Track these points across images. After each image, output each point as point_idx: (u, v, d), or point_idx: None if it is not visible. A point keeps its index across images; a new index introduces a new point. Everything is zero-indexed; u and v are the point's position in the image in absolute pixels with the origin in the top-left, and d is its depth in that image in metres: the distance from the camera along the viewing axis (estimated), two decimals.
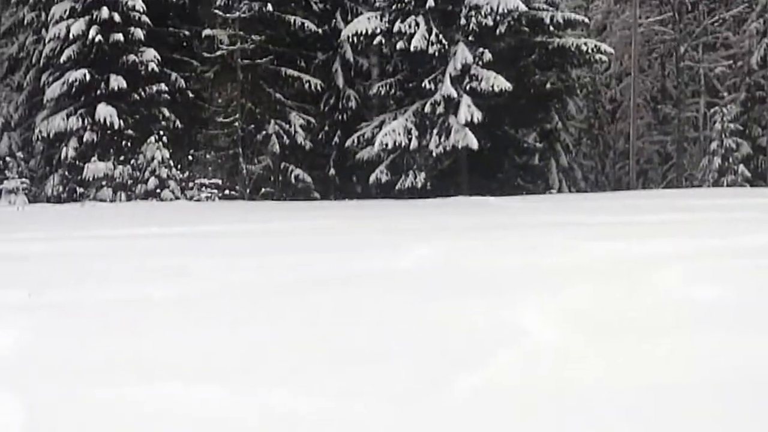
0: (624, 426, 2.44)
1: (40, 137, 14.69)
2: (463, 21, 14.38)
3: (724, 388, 2.74)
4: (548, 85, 15.58)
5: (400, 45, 14.50)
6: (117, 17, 13.90)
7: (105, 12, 13.86)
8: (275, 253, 7.04)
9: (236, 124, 14.79)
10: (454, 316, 4.24)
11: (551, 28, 15.49)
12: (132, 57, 14.07)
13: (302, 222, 10.93)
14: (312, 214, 12.35)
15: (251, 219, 11.55)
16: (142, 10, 14.07)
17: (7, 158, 14.90)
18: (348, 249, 7.32)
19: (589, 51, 15.37)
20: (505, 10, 15.02)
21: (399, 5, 14.66)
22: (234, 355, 3.45)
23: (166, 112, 14.48)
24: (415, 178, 14.77)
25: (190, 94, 15.37)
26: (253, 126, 14.89)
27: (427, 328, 4.02)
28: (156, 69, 14.17)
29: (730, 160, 16.30)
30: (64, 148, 14.23)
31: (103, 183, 14.23)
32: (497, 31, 14.61)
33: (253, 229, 9.88)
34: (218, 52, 14.86)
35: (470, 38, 14.45)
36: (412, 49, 14.20)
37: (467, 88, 14.64)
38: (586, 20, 16.53)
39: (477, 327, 3.99)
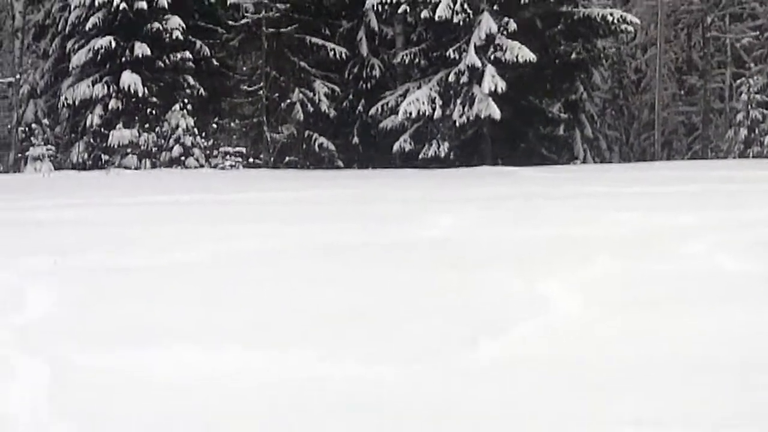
0: (642, 397, 2.50)
1: (65, 104, 15.17)
2: None
3: (751, 363, 2.80)
4: (573, 56, 15.89)
5: (424, 14, 14.87)
6: None
7: None
8: (300, 221, 7.26)
9: (261, 92, 15.15)
10: (477, 286, 4.43)
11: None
12: (156, 24, 14.39)
13: (326, 191, 11.28)
14: (336, 182, 12.77)
15: (275, 187, 11.80)
16: None
17: (33, 125, 15.36)
18: (372, 219, 7.56)
19: (615, 21, 15.70)
20: None
21: None
22: (259, 319, 3.56)
23: (191, 80, 14.86)
24: (439, 147, 15.15)
25: (215, 62, 15.75)
26: (277, 94, 15.27)
27: (451, 296, 4.17)
28: (180, 36, 14.53)
29: (756, 131, 16.64)
30: (89, 116, 14.66)
31: (128, 150, 14.66)
32: (522, 1, 14.82)
33: (276, 197, 10.02)
34: (243, 20, 15.21)
35: (495, 7, 14.76)
36: (436, 18, 14.57)
37: (491, 57, 14.71)
38: None
39: (500, 297, 4.16)
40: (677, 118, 19.11)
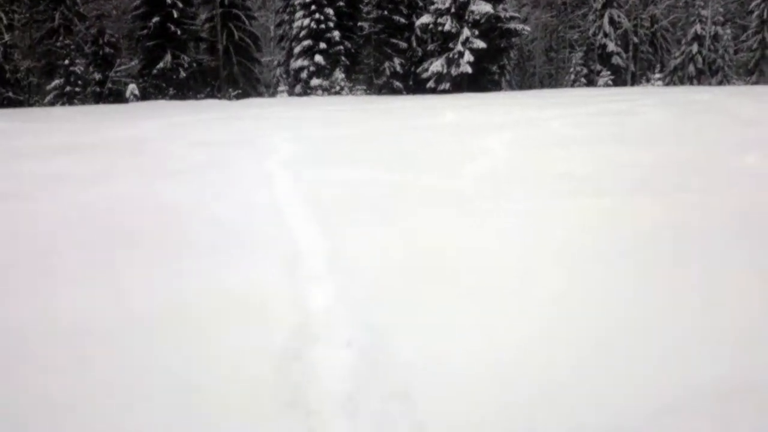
0: (529, 187, 6.16)
1: (291, 69, 33.38)
2: (467, 17, 33.47)
3: (579, 170, 6.97)
4: (502, 45, 34.76)
5: (440, 28, 33.61)
6: None
7: None
8: (372, 119, 15.27)
9: (371, 62, 33.60)
10: (460, 141, 9.28)
11: (503, 19, 34.54)
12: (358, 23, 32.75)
13: (395, 103, 22.35)
14: (404, 100, 28.75)
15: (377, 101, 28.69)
16: None
17: (279, 77, 33.65)
18: (406, 116, 14.86)
19: (519, 30, 34.55)
20: (483, 12, 34.05)
21: (440, 11, 33.53)
22: (364, 156, 9.50)
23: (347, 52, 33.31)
24: (446, 84, 33.99)
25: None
26: (383, 66, 33.65)
27: (448, 146, 8.83)
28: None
29: (580, 78, 35.88)
30: (302, 73, 32.96)
31: (319, 90, 32.97)
32: (480, 21, 33.69)
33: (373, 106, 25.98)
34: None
35: (470, 25, 33.57)
36: (444, 30, 33.35)
37: (468, 46, 33.74)
38: (519, 16, 35.85)
39: (469, 147, 8.65)
40: (545, 70, 38.70)
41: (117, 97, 31.53)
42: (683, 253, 4.13)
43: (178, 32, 31.84)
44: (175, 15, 31.59)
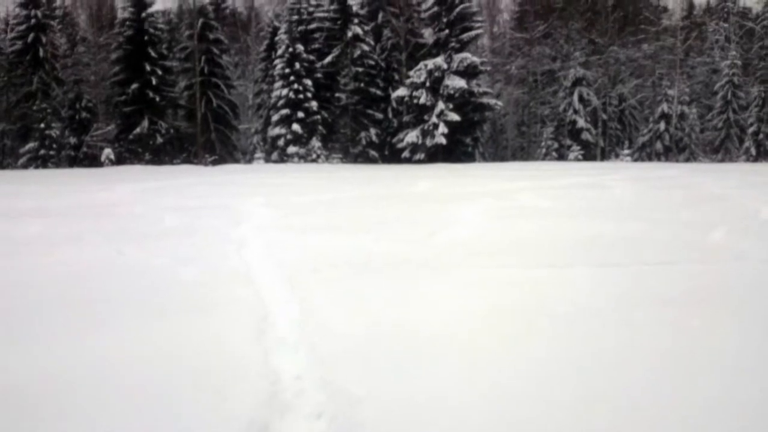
0: (514, 253, 6.77)
1: (269, 137, 33.79)
2: (441, 91, 34.33)
3: (552, 242, 7.22)
4: (475, 118, 35.54)
5: (416, 101, 34.35)
6: None
7: None
8: (359, 185, 18.44)
9: (347, 132, 34.26)
10: (435, 210, 9.86)
11: (476, 94, 35.49)
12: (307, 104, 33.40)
13: (370, 172, 25.61)
14: (378, 170, 30.62)
15: (355, 170, 29.40)
16: None
17: (256, 145, 34.16)
18: (382, 184, 16.11)
19: (492, 104, 35.41)
20: (458, 87, 35.00)
21: (416, 85, 34.38)
22: (348, 223, 10.59)
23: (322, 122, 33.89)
24: (421, 155, 34.53)
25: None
26: (359, 136, 34.31)
27: (421, 215, 9.29)
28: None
29: (552, 152, 36.79)
30: (279, 141, 33.34)
31: (295, 157, 33.33)
32: (455, 95, 34.56)
33: (356, 174, 27.44)
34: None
35: (445, 99, 34.38)
36: (420, 103, 34.11)
37: (442, 118, 34.45)
38: (492, 92, 36.93)
39: (444, 214, 9.22)
40: (517, 143, 39.73)
41: (92, 161, 31.49)
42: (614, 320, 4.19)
43: (157, 99, 32.17)
44: (154, 82, 31.97)
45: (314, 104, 32.71)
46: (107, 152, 30.15)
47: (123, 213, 10.15)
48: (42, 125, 30.03)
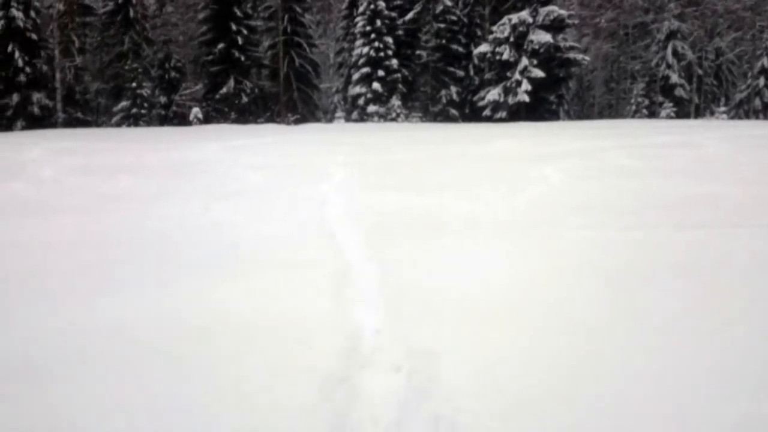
0: (582, 214, 6.31)
1: (349, 96, 33.92)
2: (525, 47, 33.41)
3: (640, 203, 6.84)
4: (561, 74, 34.52)
5: (498, 57, 33.65)
6: None
7: None
8: (434, 144, 17.72)
9: (428, 90, 33.93)
10: (513, 169, 9.30)
11: (562, 49, 34.36)
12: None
13: (449, 130, 23.09)
14: (461, 128, 30.52)
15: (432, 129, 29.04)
16: None
17: (336, 103, 34.42)
18: (464, 142, 14.80)
19: (578, 59, 34.28)
20: (543, 42, 33.94)
21: (499, 40, 33.63)
22: (402, 184, 9.03)
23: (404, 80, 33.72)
24: (502, 113, 33.96)
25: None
26: (439, 93, 33.93)
27: (503, 174, 8.87)
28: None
29: (642, 109, 35.34)
30: (359, 99, 33.44)
31: (375, 116, 33.42)
32: (539, 50, 33.53)
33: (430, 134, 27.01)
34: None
35: (529, 54, 33.45)
36: (503, 59, 33.34)
37: (526, 75, 33.60)
38: (580, 46, 35.63)
39: (524, 174, 8.82)
40: (604, 101, 38.25)
41: (181, 119, 32.50)
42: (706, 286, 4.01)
43: (242, 59, 32.71)
44: (240, 42, 32.49)
45: (395, 62, 32.50)
46: (195, 111, 31.00)
47: (210, 170, 10.46)
48: (133, 84, 31.11)
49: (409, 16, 34.05)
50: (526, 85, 31.18)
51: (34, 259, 4.86)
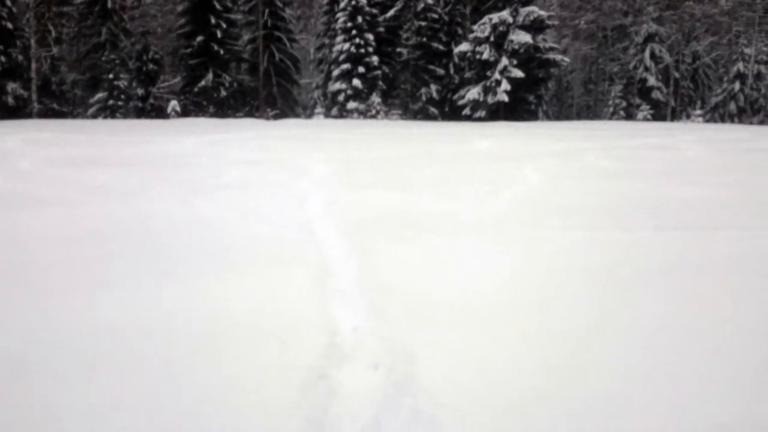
0: (564, 216, 6.50)
1: (329, 92, 33.77)
2: (505, 46, 33.56)
3: (620, 204, 6.87)
4: (540, 75, 34.71)
5: (478, 56, 33.75)
6: None
7: None
8: (418, 143, 20.12)
9: (407, 88, 33.93)
10: (497, 169, 9.62)
11: (542, 50, 34.55)
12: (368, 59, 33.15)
13: (429, 128, 24.94)
14: (440, 126, 30.26)
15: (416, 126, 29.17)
16: None
17: (317, 99, 34.12)
18: (442, 141, 15.75)
19: (558, 60, 34.48)
20: (523, 42, 34.13)
21: (479, 40, 33.72)
22: (399, 181, 9.86)
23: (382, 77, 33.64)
24: (482, 113, 34.07)
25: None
26: (419, 92, 33.91)
27: (482, 174, 9.16)
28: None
29: (620, 111, 35.62)
30: (339, 96, 33.34)
31: (354, 112, 33.31)
32: (519, 51, 33.71)
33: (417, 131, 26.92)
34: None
35: (509, 54, 33.63)
36: (483, 59, 33.49)
37: (505, 75, 33.76)
38: (559, 47, 35.85)
39: (506, 174, 9.15)
40: (582, 102, 38.54)
41: (158, 112, 32.18)
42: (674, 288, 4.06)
43: (221, 52, 32.46)
44: (219, 35, 32.23)
45: (375, 59, 32.52)
46: (173, 104, 30.71)
47: (189, 164, 10.37)
48: (110, 76, 30.72)
49: (390, 13, 34.04)
50: (505, 85, 31.32)
51: (12, 254, 4.77)
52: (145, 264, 4.52)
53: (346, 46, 32.26)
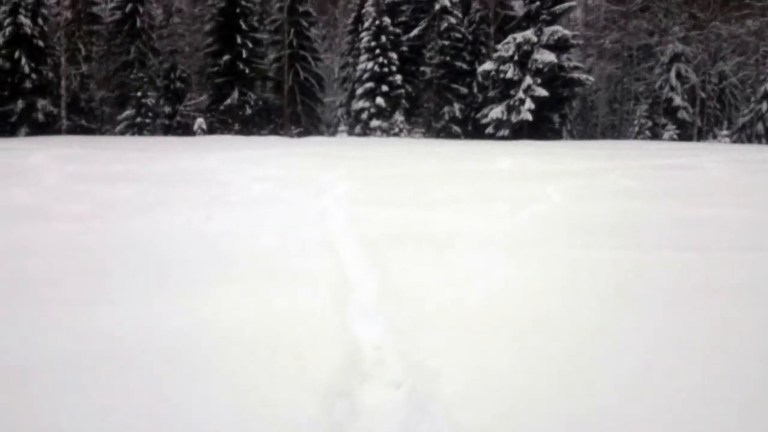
0: (579, 233, 6.14)
1: (353, 110, 33.97)
2: (529, 65, 33.54)
3: (640, 224, 6.63)
4: (565, 93, 34.59)
5: (502, 75, 33.75)
6: None
7: None
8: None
9: (431, 106, 34.04)
10: (519, 188, 9.33)
11: (566, 69, 34.46)
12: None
13: (452, 147, 23.39)
14: (464, 144, 30.40)
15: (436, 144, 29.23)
16: None
17: (340, 117, 34.43)
18: (465, 159, 15.43)
19: (582, 79, 34.33)
20: (547, 61, 34.09)
21: (503, 59, 33.75)
22: (412, 198, 9.46)
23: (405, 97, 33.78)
24: (505, 131, 34.03)
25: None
26: (442, 111, 33.97)
27: (504, 192, 8.84)
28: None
29: (645, 132, 35.36)
30: (362, 114, 33.52)
31: (378, 130, 33.46)
32: (543, 70, 33.63)
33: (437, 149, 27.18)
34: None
35: (533, 73, 33.54)
36: (507, 77, 33.47)
37: (529, 94, 33.69)
38: (584, 66, 35.78)
39: (528, 192, 8.65)
40: (607, 121, 38.31)
41: (185, 129, 32.57)
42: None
43: (247, 71, 32.85)
44: (245, 54, 32.63)
45: (399, 78, 32.64)
46: (199, 122, 31.09)
47: (213, 180, 10.46)
48: (138, 93, 31.20)
49: (414, 32, 34.24)
50: (529, 104, 31.25)
51: (29, 266, 4.83)
52: (160, 278, 4.55)
53: (370, 65, 32.46)
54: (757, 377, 3.06)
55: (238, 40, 32.55)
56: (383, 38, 32.43)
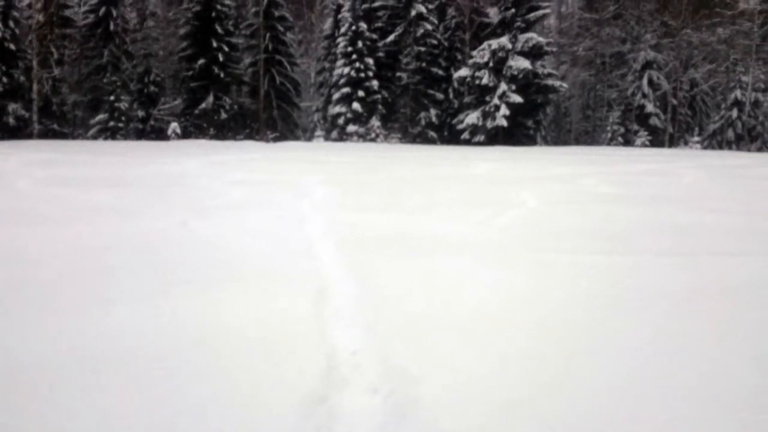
0: (563, 238, 6.42)
1: (328, 115, 33.91)
2: (504, 72, 33.78)
3: (618, 228, 6.85)
4: (539, 100, 34.93)
5: (477, 81, 33.96)
6: None
7: None
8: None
9: (406, 111, 34.13)
10: (496, 192, 9.75)
11: (540, 76, 34.79)
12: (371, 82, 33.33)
13: (428, 152, 24.32)
14: (441, 150, 30.53)
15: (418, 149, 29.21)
16: None
17: (316, 122, 34.39)
18: (441, 165, 15.77)
19: (556, 86, 34.64)
20: (521, 68, 34.37)
21: (478, 65, 33.97)
22: (400, 204, 10.09)
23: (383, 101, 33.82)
24: (480, 137, 34.21)
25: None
26: (419, 116, 34.09)
27: (481, 197, 9.19)
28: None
29: (616, 137, 35.78)
30: (339, 119, 33.50)
31: (354, 135, 33.42)
32: (518, 76, 33.94)
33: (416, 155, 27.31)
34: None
35: (508, 80, 33.86)
36: (482, 84, 33.69)
37: (504, 100, 33.96)
38: (557, 73, 36.11)
39: (505, 197, 9.10)
40: (581, 128, 38.74)
41: (159, 134, 32.27)
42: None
43: (222, 75, 32.66)
44: (220, 58, 32.45)
45: (375, 83, 32.75)
46: (173, 126, 30.82)
47: (189, 185, 10.37)
48: (112, 98, 30.86)
49: (390, 38, 34.33)
50: (504, 110, 31.50)
51: (14, 271, 4.75)
52: (138, 284, 4.50)
53: (347, 70, 32.48)
54: (749, 377, 3.08)
55: (214, 44, 32.36)
56: (360, 44, 32.47)
